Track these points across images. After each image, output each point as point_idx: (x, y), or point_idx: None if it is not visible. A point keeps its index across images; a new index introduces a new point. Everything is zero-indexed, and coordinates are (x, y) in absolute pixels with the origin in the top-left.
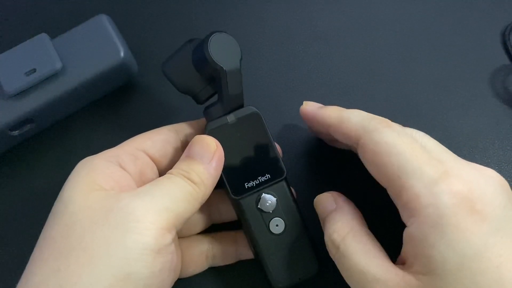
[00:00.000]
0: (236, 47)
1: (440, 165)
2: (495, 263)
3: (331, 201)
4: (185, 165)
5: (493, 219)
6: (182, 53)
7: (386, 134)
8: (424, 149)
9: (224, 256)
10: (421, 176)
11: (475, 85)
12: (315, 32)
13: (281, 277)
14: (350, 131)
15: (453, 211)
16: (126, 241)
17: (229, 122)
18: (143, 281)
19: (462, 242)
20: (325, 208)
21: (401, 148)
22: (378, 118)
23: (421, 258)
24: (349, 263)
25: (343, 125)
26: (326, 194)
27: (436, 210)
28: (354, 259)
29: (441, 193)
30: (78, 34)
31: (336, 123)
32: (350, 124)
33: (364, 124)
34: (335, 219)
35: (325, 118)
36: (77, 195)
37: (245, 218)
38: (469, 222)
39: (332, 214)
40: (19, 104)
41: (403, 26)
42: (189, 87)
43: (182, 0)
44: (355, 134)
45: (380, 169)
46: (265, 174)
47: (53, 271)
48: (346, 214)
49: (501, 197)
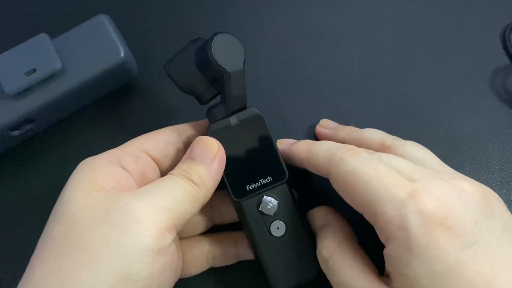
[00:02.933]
0: (239, 48)
1: (409, 184)
2: (469, 278)
3: (321, 217)
4: (186, 166)
5: (465, 234)
6: (185, 53)
7: (351, 163)
8: (391, 171)
9: (225, 257)
10: (390, 199)
11: (475, 85)
12: (315, 32)
13: (281, 280)
14: (319, 164)
15: (423, 231)
16: (126, 241)
17: (232, 124)
18: (143, 282)
19: (434, 260)
20: (316, 224)
21: (366, 175)
22: (345, 147)
23: (398, 275)
24: (336, 278)
25: (312, 159)
26: (317, 210)
27: (406, 232)
28: (341, 273)
29: (409, 213)
30: (78, 34)
31: (306, 158)
32: (318, 158)
33: (330, 156)
34: (324, 235)
35: (296, 154)
36: (77, 195)
37: (246, 221)
38: (440, 239)
39: (323, 229)
40: (19, 104)
41: (403, 26)
42: (192, 88)
43: (182, 0)
44: (324, 167)
45: (352, 198)
46: (266, 176)
47: (53, 271)
48: (335, 230)
49: (473, 211)
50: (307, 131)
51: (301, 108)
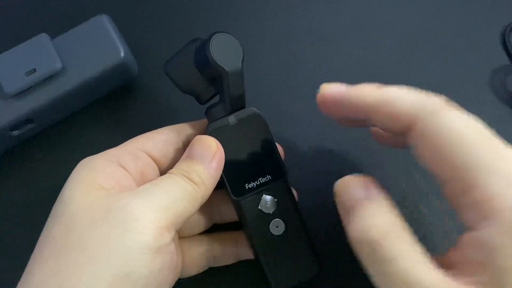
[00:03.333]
0: (238, 47)
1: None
2: None
3: (360, 188)
4: (185, 165)
5: None
6: (184, 53)
7: (452, 117)
8: (498, 141)
9: (225, 257)
10: (499, 172)
11: (475, 85)
12: (315, 32)
13: (281, 279)
14: (400, 114)
15: None
16: (125, 240)
17: (231, 123)
18: (143, 280)
19: None
20: (352, 196)
21: (473, 136)
22: (436, 97)
23: (494, 268)
24: (392, 270)
25: (390, 105)
26: (354, 179)
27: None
28: (401, 264)
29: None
30: (78, 34)
31: (378, 105)
32: (400, 103)
33: (419, 104)
34: (370, 212)
35: (362, 100)
36: (77, 194)
37: (245, 219)
38: None
39: (365, 204)
40: (19, 104)
41: (403, 26)
42: (191, 88)
43: (182, 0)
44: (407, 118)
45: (441, 160)
46: (266, 175)
47: (52, 271)
48: (383, 206)
49: None
50: (307, 131)
51: (301, 108)
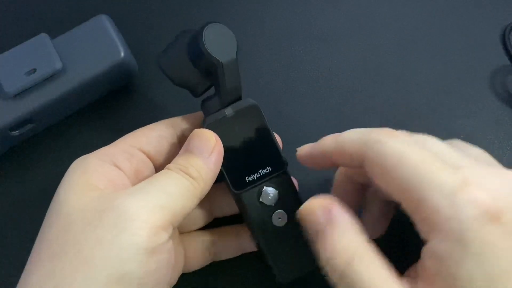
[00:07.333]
0: (231, 38)
1: (457, 172)
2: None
3: (322, 213)
4: (183, 159)
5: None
6: (176, 46)
7: (391, 144)
8: (436, 156)
9: (227, 250)
10: (439, 186)
11: (475, 85)
12: (315, 32)
13: (286, 270)
14: (352, 152)
15: (479, 224)
16: (120, 241)
17: (227, 115)
18: (138, 280)
19: (491, 259)
20: (315, 221)
21: (411, 158)
22: (378, 129)
23: (446, 276)
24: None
25: (343, 148)
26: (316, 203)
27: (459, 224)
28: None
29: (463, 204)
30: (78, 34)
31: (336, 151)
32: (350, 145)
33: (364, 139)
34: (333, 238)
35: (323, 150)
36: (71, 196)
37: (247, 212)
38: (496, 235)
39: (327, 230)
40: (19, 104)
41: (403, 26)
42: (186, 81)
43: (182, 0)
44: (358, 153)
45: (391, 184)
46: (266, 167)
47: (48, 273)
48: (346, 230)
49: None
50: (307, 131)
51: (301, 108)
